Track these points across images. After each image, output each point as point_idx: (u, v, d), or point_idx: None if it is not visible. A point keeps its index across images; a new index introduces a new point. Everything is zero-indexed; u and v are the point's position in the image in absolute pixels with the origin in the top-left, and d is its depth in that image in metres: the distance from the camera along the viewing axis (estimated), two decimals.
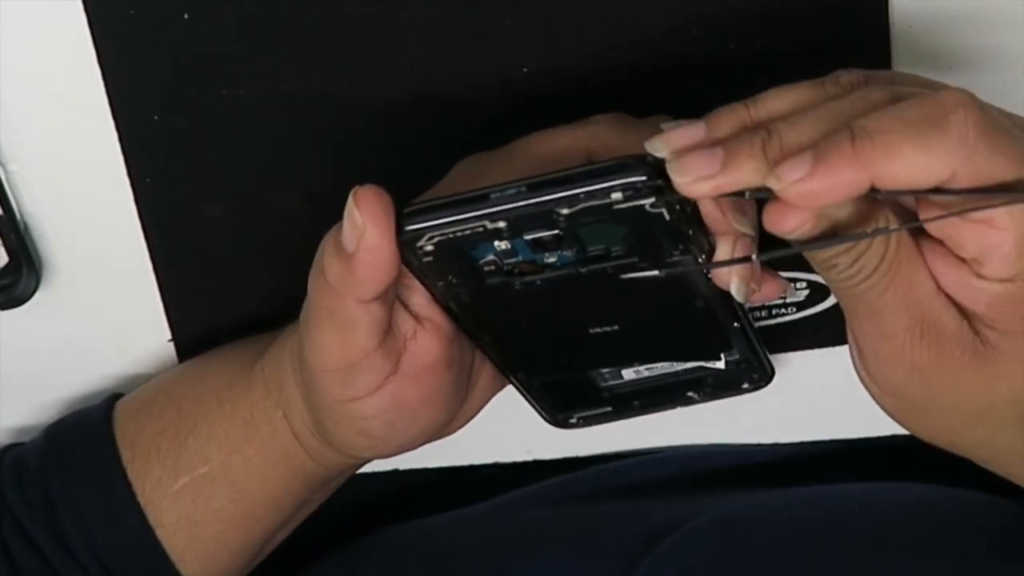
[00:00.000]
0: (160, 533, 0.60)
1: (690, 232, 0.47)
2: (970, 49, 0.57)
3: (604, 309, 0.52)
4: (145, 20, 0.59)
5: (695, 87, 0.57)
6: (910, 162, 0.41)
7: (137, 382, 0.65)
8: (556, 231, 0.48)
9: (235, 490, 0.60)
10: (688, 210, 0.47)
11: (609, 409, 0.57)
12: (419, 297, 0.52)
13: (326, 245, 0.51)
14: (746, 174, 0.43)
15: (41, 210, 0.62)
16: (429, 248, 0.48)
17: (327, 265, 0.50)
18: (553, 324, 0.53)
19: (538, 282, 0.50)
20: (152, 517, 0.60)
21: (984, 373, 0.45)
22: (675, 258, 0.48)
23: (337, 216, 0.50)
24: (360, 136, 0.60)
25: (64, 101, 0.60)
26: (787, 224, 0.43)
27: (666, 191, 0.45)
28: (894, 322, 0.45)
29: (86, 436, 0.62)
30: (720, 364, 0.55)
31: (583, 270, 0.49)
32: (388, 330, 0.52)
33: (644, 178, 0.45)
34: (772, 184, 0.42)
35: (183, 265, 0.63)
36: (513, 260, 0.49)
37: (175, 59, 0.59)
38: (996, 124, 0.42)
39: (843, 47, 0.57)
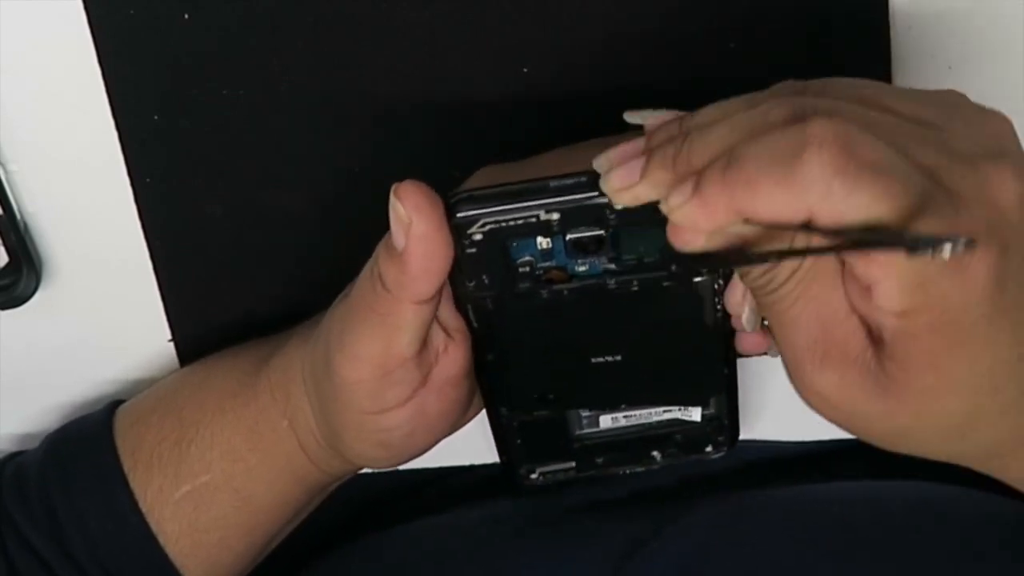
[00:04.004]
0: (163, 540, 0.60)
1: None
2: (970, 49, 0.57)
3: (612, 334, 0.52)
4: (145, 20, 0.59)
5: (695, 87, 0.57)
6: (768, 197, 0.41)
7: (137, 383, 0.65)
8: (601, 231, 0.48)
9: (237, 498, 0.60)
10: None
11: (572, 465, 0.57)
12: (448, 308, 0.52)
13: (379, 251, 0.51)
14: (658, 186, 0.44)
15: (41, 210, 0.62)
16: (478, 237, 0.48)
17: (383, 270, 0.50)
18: (559, 347, 0.53)
19: (565, 292, 0.50)
20: (154, 525, 0.60)
21: (887, 404, 0.44)
22: (702, 276, 0.49)
23: (337, 215, 0.50)
24: (360, 135, 0.60)
25: (64, 101, 0.60)
26: (677, 242, 0.43)
27: None
28: (799, 337, 0.45)
29: (87, 445, 0.61)
30: (696, 415, 0.55)
31: (610, 283, 0.50)
32: (425, 341, 0.52)
33: None
34: (663, 209, 0.43)
35: (183, 265, 0.63)
36: (547, 264, 0.50)
37: (175, 59, 0.59)
38: (860, 160, 0.40)
39: (843, 47, 0.57)
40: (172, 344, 0.65)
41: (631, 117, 0.47)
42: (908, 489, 0.60)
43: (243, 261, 0.63)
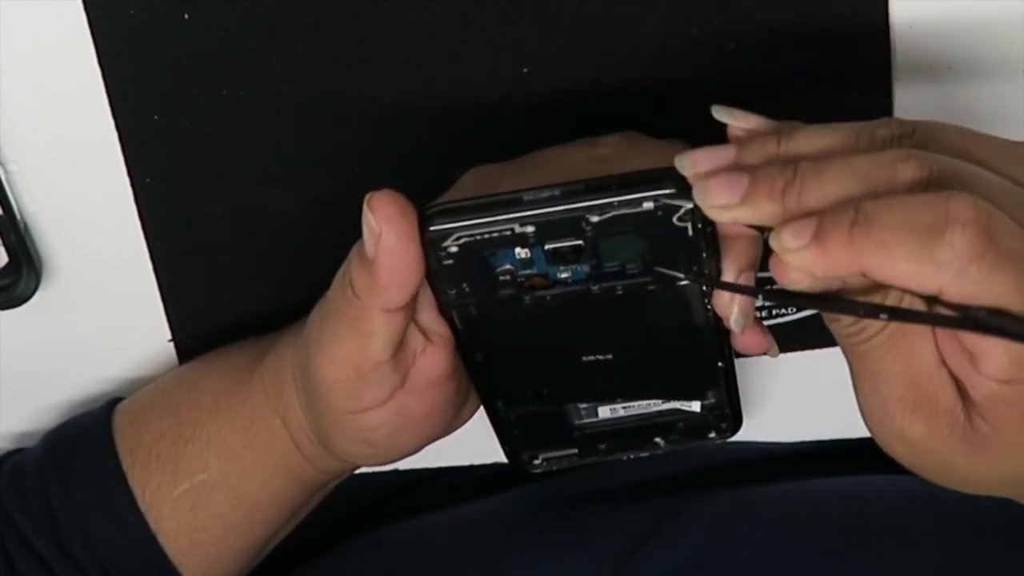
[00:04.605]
0: (161, 539, 0.60)
1: (704, 256, 0.48)
2: (970, 49, 0.57)
3: (601, 336, 0.52)
4: (145, 20, 0.59)
5: (694, 86, 0.57)
6: (898, 266, 0.41)
7: (137, 383, 0.65)
8: (580, 241, 0.48)
9: (234, 496, 0.60)
10: (709, 230, 0.47)
11: (575, 451, 0.57)
12: (428, 312, 0.52)
13: (352, 256, 0.51)
14: (762, 215, 0.43)
15: (41, 210, 0.62)
16: (453, 249, 0.48)
17: (354, 275, 0.50)
18: (548, 348, 0.53)
19: (548, 298, 0.50)
20: (152, 523, 0.60)
21: (971, 457, 0.44)
22: (687, 281, 0.49)
23: (337, 216, 0.50)
24: (360, 135, 0.60)
25: (64, 101, 0.60)
26: (783, 279, 0.43)
27: (695, 205, 0.45)
28: (888, 389, 0.45)
29: (86, 443, 0.61)
30: (696, 407, 0.55)
31: (594, 288, 0.49)
32: (401, 344, 0.52)
33: (673, 191, 0.46)
34: (772, 244, 0.42)
35: (183, 265, 0.63)
36: (528, 272, 0.49)
37: (175, 59, 0.59)
38: (999, 248, 0.40)
39: (843, 47, 0.57)
40: (172, 344, 0.65)
41: (719, 113, 0.46)
42: (910, 485, 0.60)
43: (243, 261, 0.63)
